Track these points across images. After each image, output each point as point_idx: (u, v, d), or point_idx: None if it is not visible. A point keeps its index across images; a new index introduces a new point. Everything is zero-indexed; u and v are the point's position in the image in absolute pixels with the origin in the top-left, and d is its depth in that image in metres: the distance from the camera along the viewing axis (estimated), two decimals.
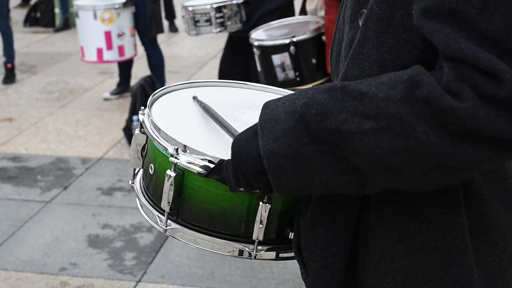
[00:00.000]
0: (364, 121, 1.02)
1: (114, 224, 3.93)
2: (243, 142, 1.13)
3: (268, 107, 1.11)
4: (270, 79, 3.57)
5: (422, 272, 1.17)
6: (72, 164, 4.82)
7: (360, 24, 1.17)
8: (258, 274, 3.37)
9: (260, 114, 1.11)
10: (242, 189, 1.19)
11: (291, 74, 3.49)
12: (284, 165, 1.07)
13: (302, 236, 1.29)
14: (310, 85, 3.55)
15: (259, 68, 3.66)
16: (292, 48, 3.44)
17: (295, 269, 3.34)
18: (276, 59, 3.51)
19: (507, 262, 1.22)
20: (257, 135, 1.11)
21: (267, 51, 3.54)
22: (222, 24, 4.29)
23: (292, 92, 1.57)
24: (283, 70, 3.50)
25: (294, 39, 3.45)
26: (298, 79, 3.49)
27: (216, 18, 4.26)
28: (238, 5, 4.30)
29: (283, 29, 3.72)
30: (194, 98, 1.53)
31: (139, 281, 3.36)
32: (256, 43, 3.59)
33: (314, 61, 3.45)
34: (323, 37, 3.47)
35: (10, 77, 6.94)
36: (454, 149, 0.99)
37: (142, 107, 1.47)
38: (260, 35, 3.71)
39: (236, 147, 1.15)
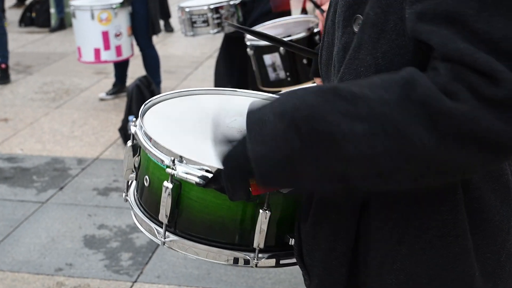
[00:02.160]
0: (356, 123, 0.99)
1: (110, 224, 3.93)
2: (232, 148, 1.11)
3: (254, 107, 1.08)
4: (263, 78, 3.57)
5: (424, 272, 1.18)
6: (68, 164, 4.82)
7: (355, 29, 1.17)
8: (254, 274, 3.37)
9: (247, 114, 1.07)
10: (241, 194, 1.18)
11: (282, 74, 3.48)
12: (272, 167, 1.05)
13: (304, 242, 1.28)
14: (301, 86, 3.56)
15: (254, 67, 3.67)
16: (281, 48, 3.43)
17: (291, 269, 3.35)
18: (268, 59, 3.50)
19: (505, 258, 1.23)
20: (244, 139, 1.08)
21: (260, 51, 3.54)
22: (219, 25, 4.29)
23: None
24: (274, 70, 3.49)
25: (284, 40, 3.45)
26: (289, 79, 3.48)
27: (213, 19, 4.26)
28: (235, 5, 4.31)
29: (278, 29, 3.72)
30: None
31: (135, 281, 3.36)
32: (249, 43, 3.60)
33: (305, 61, 3.44)
34: (316, 37, 3.47)
35: (4, 78, 6.92)
36: (448, 152, 0.97)
37: (134, 119, 1.45)
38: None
39: (225, 153, 1.12)
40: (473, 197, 1.18)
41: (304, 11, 3.96)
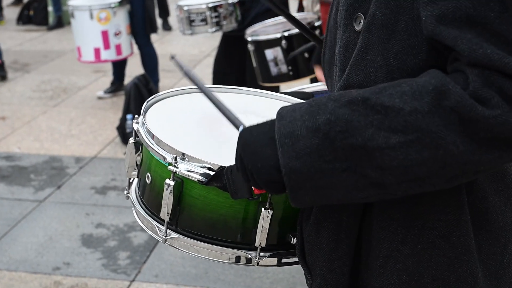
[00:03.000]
0: (391, 135, 1.00)
1: (108, 223, 3.92)
2: (257, 148, 1.10)
3: (283, 118, 1.08)
4: (265, 74, 3.58)
5: (427, 272, 1.17)
6: (66, 163, 4.81)
7: (356, 28, 1.17)
8: (252, 274, 3.37)
9: (277, 126, 1.07)
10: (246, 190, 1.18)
11: (284, 68, 3.49)
12: (304, 181, 1.06)
13: (306, 241, 1.28)
14: (303, 79, 3.57)
15: (254, 63, 3.67)
16: (284, 42, 3.44)
17: (289, 269, 3.34)
18: (269, 53, 3.51)
19: (509, 259, 1.23)
20: (273, 143, 1.07)
21: (261, 46, 3.55)
22: (217, 24, 4.28)
23: (301, 100, 1.57)
24: (276, 64, 3.50)
25: (286, 34, 3.46)
26: (291, 73, 3.49)
27: (212, 17, 4.26)
28: (233, 4, 4.30)
29: (277, 26, 3.73)
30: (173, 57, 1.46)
31: (133, 280, 3.35)
32: (250, 38, 3.61)
33: (306, 55, 3.44)
34: (317, 31, 3.47)
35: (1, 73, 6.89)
36: (482, 155, 0.99)
37: (136, 116, 1.45)
38: (254, 31, 3.72)
39: (248, 151, 1.11)
40: (476, 197, 1.18)
41: (301, 7, 3.96)
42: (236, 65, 4.52)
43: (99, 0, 5.65)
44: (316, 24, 3.56)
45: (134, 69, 6.62)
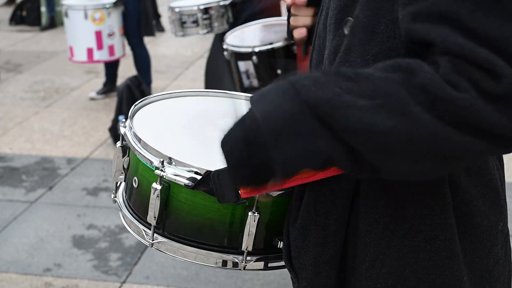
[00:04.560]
0: (359, 100, 0.98)
1: (99, 224, 3.92)
2: (231, 131, 1.08)
3: (258, 90, 1.08)
4: (238, 84, 3.52)
5: (413, 275, 1.18)
6: (58, 164, 4.80)
7: (346, 32, 1.18)
8: (243, 275, 3.37)
9: (252, 95, 1.08)
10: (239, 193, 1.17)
11: (255, 82, 3.41)
12: (278, 123, 1.01)
13: (293, 245, 1.28)
14: None
15: (232, 72, 3.63)
16: (254, 57, 3.37)
17: (280, 271, 3.34)
18: (242, 65, 3.44)
19: (493, 262, 1.24)
20: (243, 119, 1.06)
21: (235, 57, 3.49)
22: (209, 25, 4.28)
23: None
24: (248, 77, 3.44)
25: (256, 49, 3.37)
26: (262, 88, 3.43)
27: (203, 19, 4.25)
28: (225, 6, 4.31)
29: (258, 33, 3.66)
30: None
31: (124, 281, 3.35)
32: (225, 46, 3.55)
33: (279, 71, 3.38)
34: (294, 48, 3.39)
35: None
36: (450, 135, 0.97)
37: (123, 119, 1.45)
38: (232, 38, 3.66)
39: (223, 138, 1.09)
40: (461, 201, 1.18)
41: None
42: (227, 66, 4.53)
43: (93, 0, 5.65)
44: None
45: (127, 70, 6.62)
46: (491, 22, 0.97)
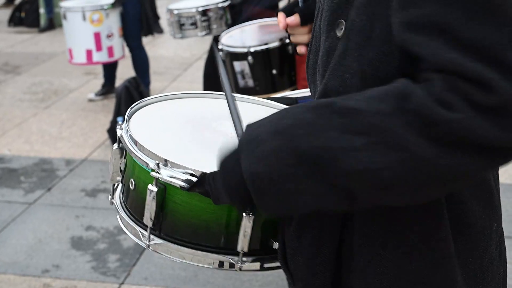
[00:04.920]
0: (355, 138, 0.99)
1: (98, 226, 3.92)
2: (225, 164, 1.11)
3: (250, 127, 1.08)
4: (233, 84, 3.52)
5: (407, 276, 1.18)
6: (56, 165, 4.81)
7: (338, 34, 1.18)
8: (242, 277, 3.38)
9: (242, 136, 1.08)
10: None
11: (250, 82, 3.41)
12: (268, 186, 1.04)
13: (288, 246, 1.28)
14: (270, 96, 3.53)
15: (227, 72, 3.62)
16: (249, 57, 3.37)
17: (278, 272, 3.34)
18: (237, 66, 3.43)
19: (487, 263, 1.24)
20: (238, 154, 1.07)
21: (230, 57, 3.49)
22: (207, 27, 4.29)
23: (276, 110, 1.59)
24: (243, 77, 3.44)
25: (252, 50, 3.37)
26: (257, 88, 3.39)
27: (202, 21, 4.25)
28: (223, 8, 4.31)
29: (253, 34, 3.67)
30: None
31: (122, 283, 3.36)
32: (220, 47, 3.55)
33: (274, 71, 3.38)
34: (289, 47, 3.40)
35: None
36: (449, 160, 0.97)
37: (120, 122, 1.46)
38: (228, 39, 3.67)
39: (219, 170, 1.13)
40: (455, 202, 1.19)
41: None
42: (226, 68, 4.53)
43: (91, 2, 5.65)
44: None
45: (125, 71, 6.62)
46: (483, 30, 0.97)
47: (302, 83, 3.34)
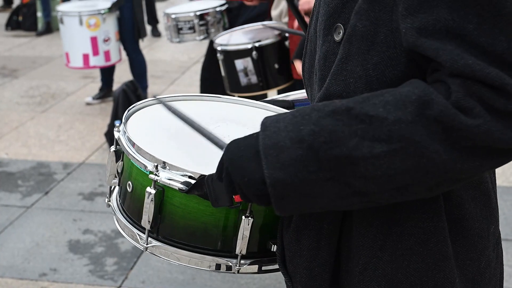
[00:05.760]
0: (375, 145, 1.02)
1: (95, 229, 3.92)
2: (243, 162, 1.10)
3: (267, 129, 1.09)
4: (233, 83, 3.55)
5: (405, 278, 1.19)
6: (53, 169, 4.81)
7: (336, 38, 1.19)
8: (239, 280, 3.38)
9: (261, 137, 1.08)
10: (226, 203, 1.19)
11: (253, 79, 3.46)
12: (288, 191, 1.07)
13: (287, 248, 1.29)
14: (273, 90, 3.56)
15: (223, 73, 3.64)
16: (254, 53, 3.41)
17: (276, 275, 3.36)
18: (239, 64, 3.47)
19: (485, 265, 1.25)
20: (258, 157, 1.08)
21: (230, 56, 3.52)
22: (205, 31, 4.29)
23: (281, 109, 1.60)
24: (246, 75, 3.47)
25: (257, 44, 3.42)
26: (261, 84, 3.46)
27: (200, 25, 4.26)
28: (221, 12, 4.32)
29: (247, 34, 3.70)
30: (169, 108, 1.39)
31: (120, 286, 3.35)
32: (219, 48, 3.57)
33: (276, 66, 3.44)
34: (286, 43, 3.47)
35: None
36: (463, 164, 1.01)
37: (117, 124, 1.46)
38: (223, 40, 3.69)
39: (235, 166, 1.12)
40: (453, 204, 1.20)
41: (268, 17, 3.95)
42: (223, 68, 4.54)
43: (88, 7, 5.65)
44: (287, 35, 3.54)
45: (123, 75, 6.63)
46: (497, 36, 0.99)
47: (295, 72, 3.42)
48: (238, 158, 1.11)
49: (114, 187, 1.50)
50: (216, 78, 4.58)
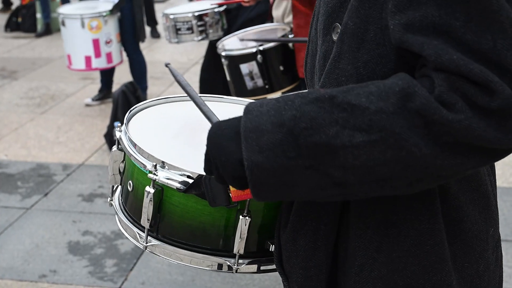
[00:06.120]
0: (356, 134, 1.01)
1: (95, 230, 3.92)
2: (222, 141, 1.09)
3: (250, 112, 1.07)
4: (240, 88, 3.56)
5: (402, 280, 1.19)
6: (53, 170, 4.80)
7: (334, 38, 1.19)
8: (239, 281, 3.38)
9: (243, 120, 1.07)
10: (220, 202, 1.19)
11: (259, 82, 3.48)
12: (266, 176, 1.06)
13: (283, 248, 1.29)
14: (279, 92, 3.58)
15: (228, 77, 3.66)
16: (259, 56, 3.42)
17: (275, 276, 3.36)
18: (244, 68, 3.49)
19: (484, 268, 1.24)
20: (238, 137, 1.07)
21: (235, 61, 3.53)
22: (204, 32, 4.30)
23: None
24: (252, 78, 3.49)
25: (261, 48, 3.44)
26: (267, 86, 3.48)
27: (198, 26, 4.27)
28: (219, 13, 4.32)
29: (250, 37, 3.71)
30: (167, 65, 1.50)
31: (119, 287, 3.36)
32: (223, 53, 3.57)
33: (281, 68, 3.46)
34: (290, 44, 3.48)
35: None
36: (444, 160, 1.00)
37: (119, 124, 1.47)
38: (227, 45, 3.70)
39: (214, 144, 1.11)
40: (451, 207, 1.19)
41: (270, 18, 3.95)
42: (222, 73, 4.54)
43: (90, 9, 5.65)
44: (290, 36, 3.55)
45: (122, 76, 6.63)
46: (483, 34, 0.99)
47: (300, 70, 3.44)
48: (218, 136, 1.10)
49: (116, 187, 1.52)
50: (215, 79, 4.59)
